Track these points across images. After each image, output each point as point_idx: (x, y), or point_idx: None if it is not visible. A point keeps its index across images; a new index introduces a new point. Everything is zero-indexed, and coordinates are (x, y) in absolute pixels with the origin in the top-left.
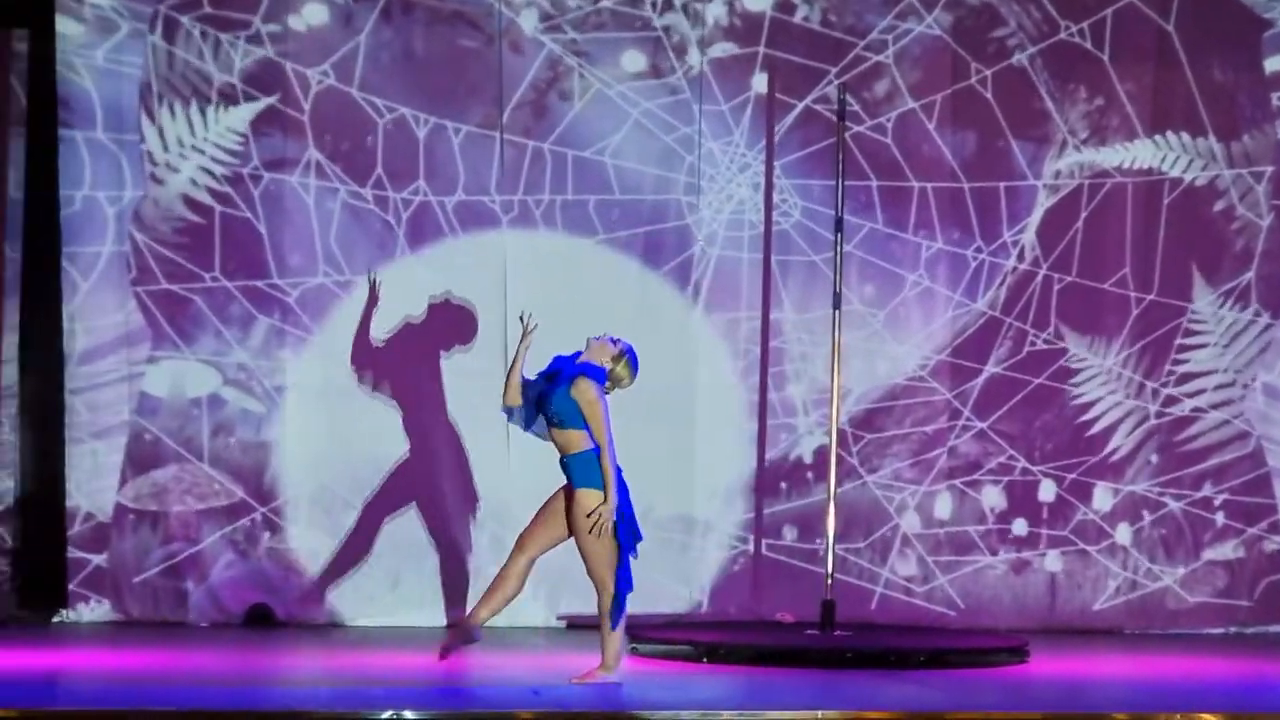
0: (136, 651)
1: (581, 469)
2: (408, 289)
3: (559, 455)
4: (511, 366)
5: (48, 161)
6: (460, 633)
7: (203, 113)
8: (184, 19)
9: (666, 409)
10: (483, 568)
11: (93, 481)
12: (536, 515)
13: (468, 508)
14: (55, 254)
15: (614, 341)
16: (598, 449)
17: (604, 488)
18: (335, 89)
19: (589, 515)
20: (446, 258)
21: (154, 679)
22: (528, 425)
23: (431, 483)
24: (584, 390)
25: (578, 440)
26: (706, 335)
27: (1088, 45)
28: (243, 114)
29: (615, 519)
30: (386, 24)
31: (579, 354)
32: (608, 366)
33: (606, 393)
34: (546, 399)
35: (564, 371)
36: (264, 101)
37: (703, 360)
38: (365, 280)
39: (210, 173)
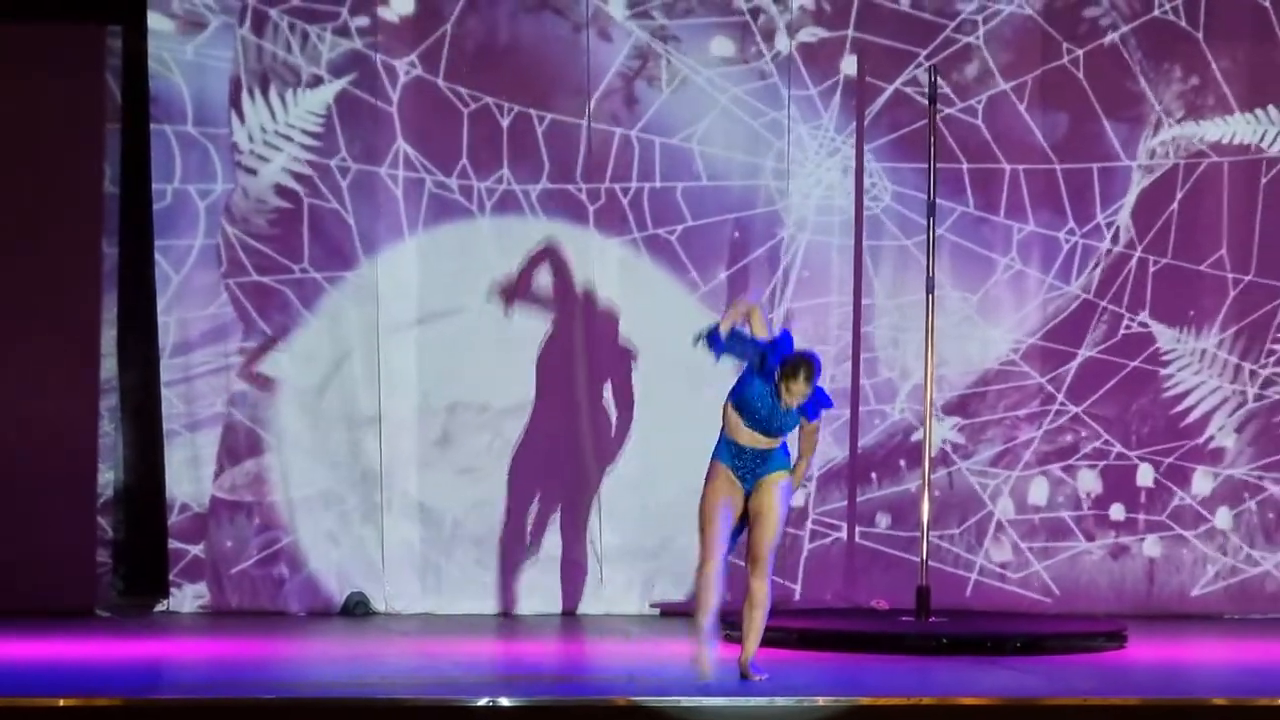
0: (236, 641)
1: (785, 453)
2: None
3: (757, 448)
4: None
5: (140, 156)
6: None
7: (282, 97)
8: (272, 11)
9: None
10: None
11: (189, 473)
12: (714, 517)
13: (579, 492)
14: (149, 248)
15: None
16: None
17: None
18: (423, 79)
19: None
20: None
21: (254, 668)
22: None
23: (544, 469)
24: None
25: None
26: (796, 323)
27: (1181, 23)
28: (322, 95)
29: None
30: (472, 12)
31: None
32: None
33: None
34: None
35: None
36: (341, 81)
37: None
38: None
39: (300, 161)
